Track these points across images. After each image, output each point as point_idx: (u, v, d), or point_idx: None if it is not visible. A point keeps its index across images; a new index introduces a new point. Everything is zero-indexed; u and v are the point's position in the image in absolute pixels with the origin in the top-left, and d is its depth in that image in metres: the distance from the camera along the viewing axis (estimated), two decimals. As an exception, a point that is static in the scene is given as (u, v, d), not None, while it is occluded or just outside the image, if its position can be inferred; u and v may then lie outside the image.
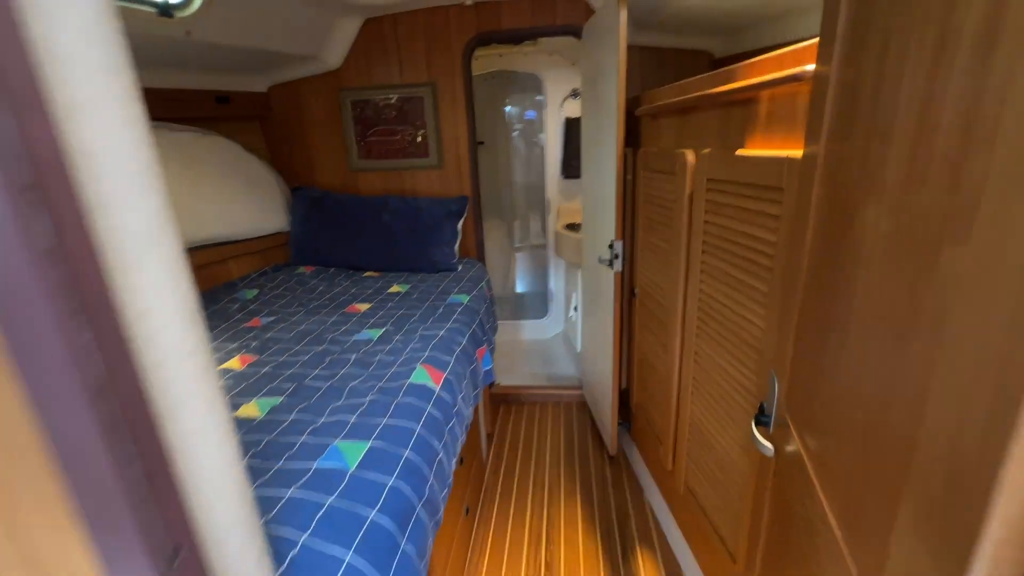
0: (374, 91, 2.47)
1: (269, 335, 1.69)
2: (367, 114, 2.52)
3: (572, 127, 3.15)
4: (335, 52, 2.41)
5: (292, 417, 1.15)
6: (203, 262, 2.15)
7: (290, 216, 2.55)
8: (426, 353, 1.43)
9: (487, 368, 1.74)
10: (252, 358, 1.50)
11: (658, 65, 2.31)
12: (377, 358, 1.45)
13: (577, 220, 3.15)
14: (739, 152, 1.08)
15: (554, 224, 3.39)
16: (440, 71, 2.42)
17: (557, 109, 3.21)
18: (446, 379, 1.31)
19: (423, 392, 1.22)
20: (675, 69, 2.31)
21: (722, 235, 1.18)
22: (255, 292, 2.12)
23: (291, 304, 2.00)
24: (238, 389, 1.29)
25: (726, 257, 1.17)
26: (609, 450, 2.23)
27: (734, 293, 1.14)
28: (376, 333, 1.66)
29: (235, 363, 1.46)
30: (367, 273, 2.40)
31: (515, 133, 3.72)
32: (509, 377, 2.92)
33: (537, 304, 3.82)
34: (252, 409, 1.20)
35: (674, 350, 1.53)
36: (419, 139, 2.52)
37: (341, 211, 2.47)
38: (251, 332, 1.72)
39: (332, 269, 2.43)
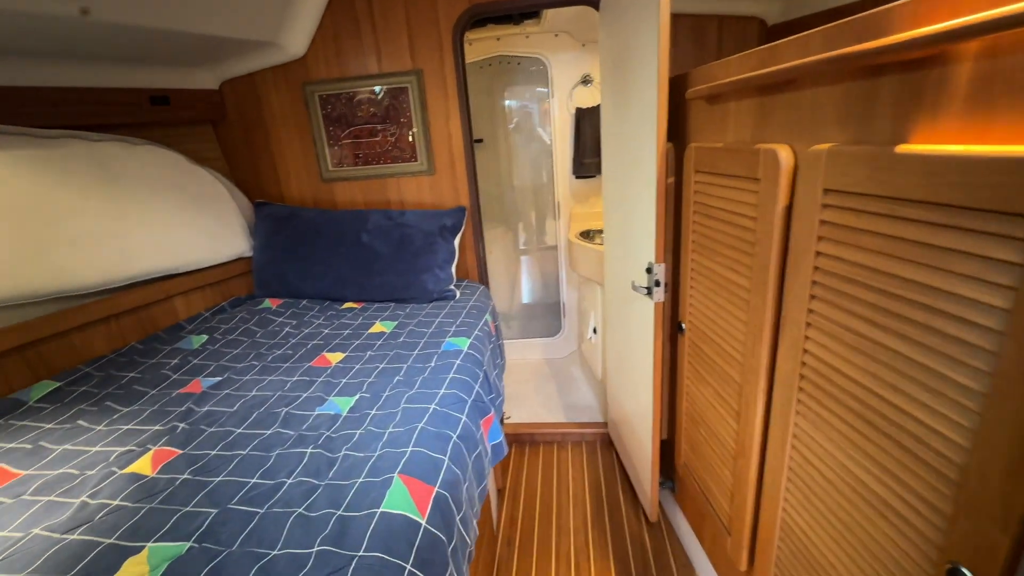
0: (347, 83, 2.04)
1: (206, 408, 1.27)
2: (342, 112, 2.09)
3: (584, 119, 2.71)
4: (296, 37, 1.97)
5: (193, 590, 0.73)
6: (138, 304, 1.73)
7: (252, 239, 2.13)
8: (409, 449, 1.00)
9: (495, 442, 1.32)
10: (172, 453, 1.08)
11: (696, 38, 1.87)
12: (340, 453, 1.03)
13: (592, 226, 2.71)
14: (903, 149, 0.65)
15: (566, 231, 2.96)
16: (426, 56, 1.98)
17: (566, 99, 2.77)
18: (436, 499, 0.89)
19: (400, 533, 0.80)
20: (718, 42, 1.86)
21: (856, 278, 0.75)
22: (203, 339, 1.71)
23: (246, 355, 1.58)
24: (127, 524, 0.87)
25: (867, 314, 0.74)
26: (648, 515, 1.81)
27: (886, 371, 0.71)
28: (346, 404, 1.24)
29: (144, 465, 1.05)
30: (346, 305, 1.99)
31: (515, 127, 3.27)
32: (520, 408, 2.50)
33: (549, 318, 3.39)
34: (139, 568, 0.78)
35: (752, 421, 1.10)
36: (409, 139, 2.09)
37: (312, 231, 2.05)
38: (184, 403, 1.31)
39: (304, 302, 2.01)
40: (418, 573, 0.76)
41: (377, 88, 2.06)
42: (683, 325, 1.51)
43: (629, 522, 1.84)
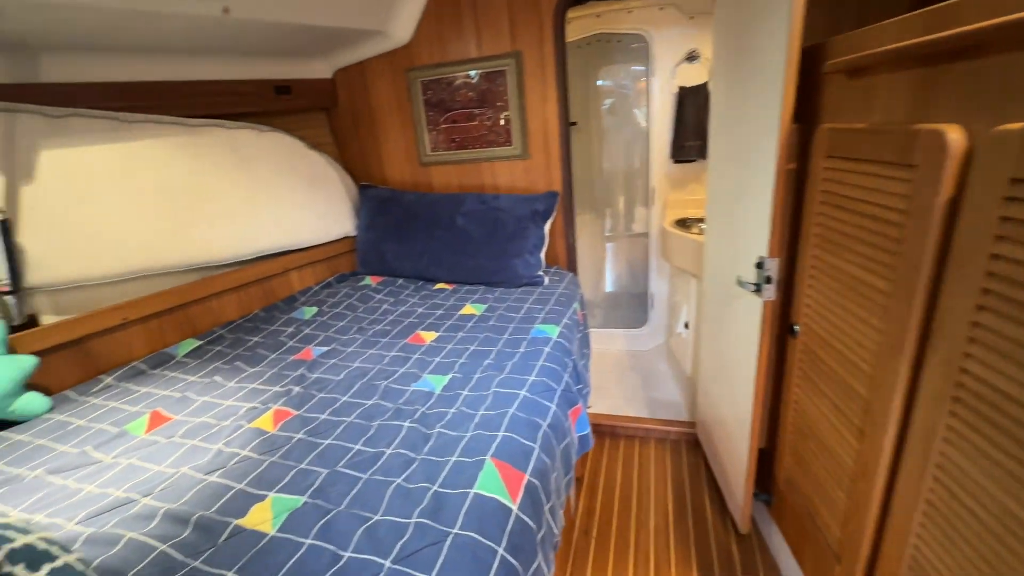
0: (448, 68, 2.08)
1: (317, 375, 1.39)
2: (441, 97, 2.14)
3: (687, 99, 2.52)
4: (403, 24, 2.04)
5: (308, 542, 0.80)
6: (262, 275, 1.93)
7: (357, 220, 2.28)
8: (500, 434, 1.01)
9: (582, 433, 1.30)
10: (289, 413, 1.20)
11: (832, 7, 1.63)
12: (435, 430, 1.07)
13: (690, 214, 2.55)
14: None
15: (659, 218, 2.81)
16: (526, 38, 1.95)
17: (668, 77, 2.60)
18: (527, 487, 0.89)
19: (492, 516, 0.82)
20: (857, 8, 1.62)
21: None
22: (314, 311, 1.86)
23: (350, 328, 1.70)
24: (255, 474, 0.98)
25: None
26: (739, 527, 1.69)
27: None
28: (439, 382, 1.29)
29: (267, 422, 1.17)
30: (439, 285, 2.06)
31: (608, 109, 3.13)
32: (601, 399, 2.46)
33: (634, 308, 3.27)
34: (263, 514, 0.87)
35: (880, 442, 0.97)
36: (504, 123, 2.09)
37: (411, 213, 2.14)
38: (298, 368, 1.44)
39: (400, 280, 2.12)
40: (509, 558, 0.77)
41: (472, 72, 2.07)
42: (796, 327, 1.37)
43: (715, 530, 1.74)
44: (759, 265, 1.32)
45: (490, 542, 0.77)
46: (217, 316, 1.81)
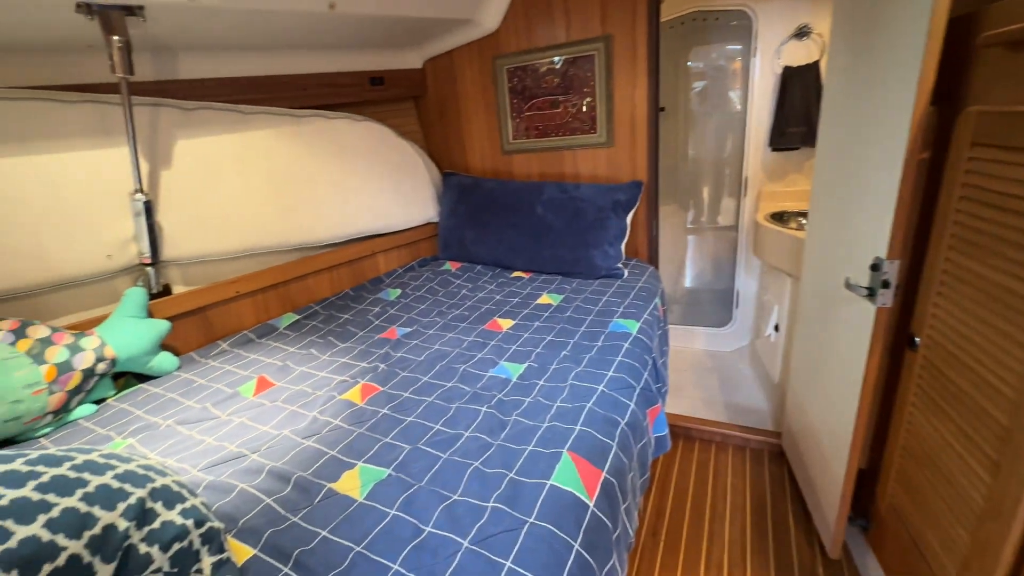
0: (534, 55, 2.06)
1: (400, 354, 1.46)
2: (525, 84, 2.13)
3: (793, 80, 2.30)
4: (492, 11, 2.05)
5: (392, 512, 0.85)
6: (352, 257, 2.06)
7: (439, 206, 2.35)
8: (577, 428, 1.00)
9: (660, 435, 1.26)
10: (375, 389, 1.28)
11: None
12: (511, 417, 1.09)
13: (787, 207, 2.34)
14: None
15: (752, 211, 2.61)
16: (618, 20, 1.88)
17: (771, 57, 2.38)
18: (604, 484, 0.88)
19: (568, 510, 0.81)
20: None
21: None
22: (398, 292, 1.96)
23: (431, 311, 1.77)
24: (345, 443, 1.06)
25: None
26: (828, 550, 1.56)
27: None
28: (516, 370, 1.30)
29: (356, 395, 1.26)
30: (516, 273, 2.07)
31: (699, 93, 2.93)
32: (677, 399, 2.36)
33: (716, 306, 3.08)
34: (353, 482, 0.94)
35: (1022, 481, 0.83)
36: (589, 109, 2.04)
37: (491, 201, 2.17)
38: (384, 347, 1.52)
39: (479, 267, 2.16)
40: (585, 554, 0.76)
41: (556, 59, 2.04)
42: (917, 339, 1.21)
43: (799, 550, 1.61)
44: (875, 267, 1.18)
45: (566, 536, 0.77)
46: (313, 293, 1.96)
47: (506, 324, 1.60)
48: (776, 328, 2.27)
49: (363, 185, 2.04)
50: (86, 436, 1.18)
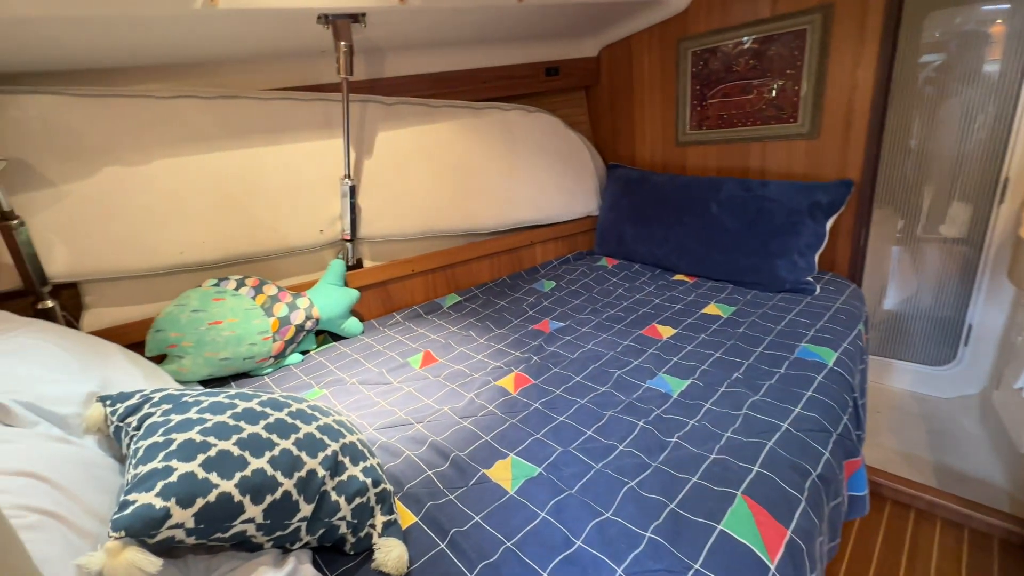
0: (727, 34, 1.83)
1: (553, 349, 1.45)
2: (713, 68, 1.91)
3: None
4: (681, -11, 1.87)
5: (542, 515, 0.84)
6: (511, 246, 2.12)
7: (601, 199, 2.28)
8: (755, 469, 0.87)
9: (858, 494, 1.03)
10: (528, 381, 1.29)
11: None
12: (672, 439, 0.99)
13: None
14: None
15: (1011, 222, 1.99)
16: (843, -16, 1.56)
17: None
18: (788, 546, 0.73)
19: (744, 568, 0.70)
20: None
21: None
22: (552, 285, 1.96)
23: (585, 307, 1.73)
24: (498, 431, 1.08)
25: None
26: None
27: None
28: (677, 385, 1.18)
29: (509, 383, 1.28)
30: (678, 276, 1.91)
31: (937, 68, 2.28)
32: (865, 446, 1.94)
33: (933, 338, 2.45)
34: (504, 472, 0.95)
35: None
36: (782, 94, 1.76)
37: (658, 196, 2.02)
38: (537, 339, 1.53)
39: (636, 266, 2.05)
40: (763, 626, 0.65)
41: (745, 38, 1.79)
42: None
43: None
44: None
45: (740, 597, 0.66)
46: (474, 277, 2.07)
47: (666, 332, 1.48)
48: (1034, 381, 1.71)
49: (529, 176, 2.07)
50: (294, 381, 1.41)
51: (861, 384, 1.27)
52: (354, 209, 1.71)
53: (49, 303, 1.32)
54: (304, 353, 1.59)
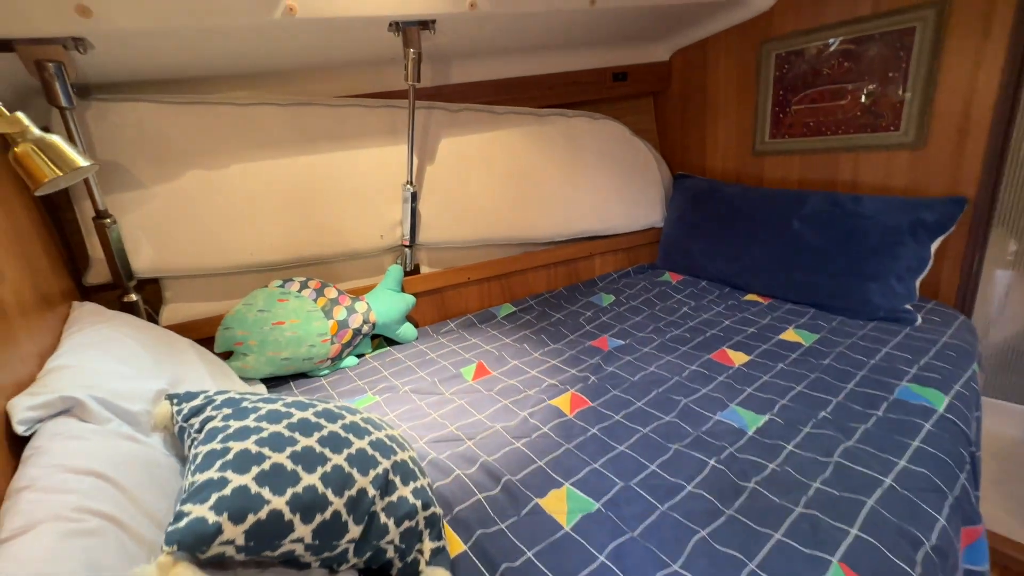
0: (819, 34, 1.68)
1: (612, 369, 1.37)
2: (800, 71, 1.76)
3: None
4: (767, -13, 1.74)
5: (601, 559, 0.76)
6: (569, 257, 2.05)
7: (666, 211, 2.16)
8: (852, 532, 0.75)
9: (978, 569, 0.87)
10: (584, 403, 1.21)
11: None
12: (749, 484, 0.88)
13: None
14: None
15: None
16: (962, -25, 1.38)
17: None
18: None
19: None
20: None
21: None
22: (611, 299, 1.87)
23: (646, 325, 1.63)
24: (552, 456, 1.01)
25: None
26: None
27: None
28: (753, 421, 1.07)
29: (565, 403, 1.21)
30: (750, 296, 1.76)
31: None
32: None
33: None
34: (559, 504, 0.89)
35: None
36: (881, 99, 1.58)
37: (731, 209, 1.88)
38: (594, 356, 1.46)
39: (703, 283, 1.91)
40: None
41: (833, 40, 1.63)
42: None
43: None
44: None
45: None
46: (530, 287, 2.02)
47: (738, 358, 1.35)
48: None
49: (592, 185, 2.00)
50: (349, 384, 1.42)
51: (977, 435, 1.09)
52: (414, 215, 1.72)
53: (133, 297, 1.41)
54: (359, 356, 1.61)
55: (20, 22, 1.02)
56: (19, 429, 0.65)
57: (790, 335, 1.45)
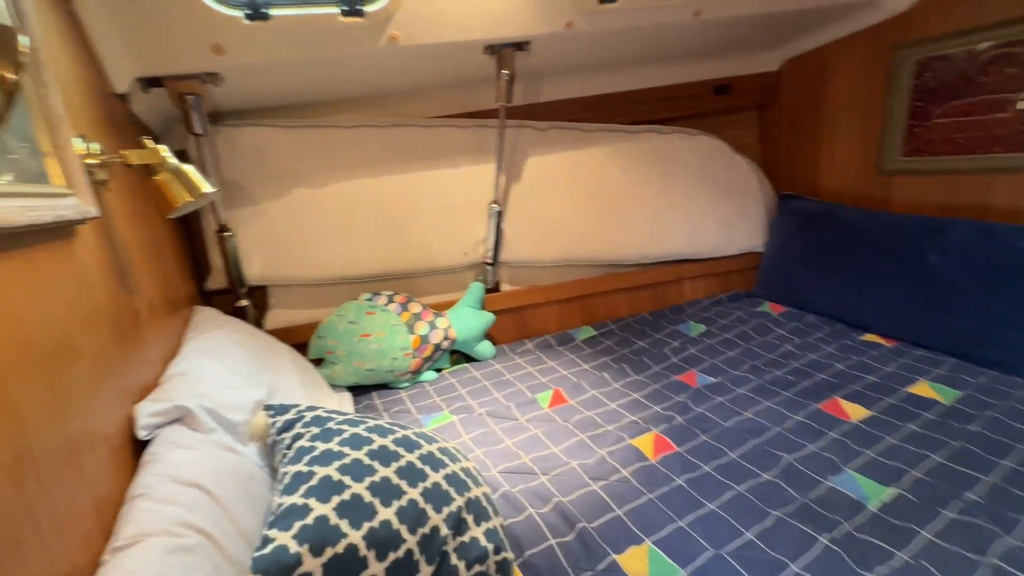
0: (971, 37, 1.43)
1: (700, 410, 1.26)
2: (947, 79, 1.51)
3: None
4: (906, -14, 1.52)
5: (688, 641, 0.68)
6: (655, 280, 1.94)
7: (768, 234, 1.97)
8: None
9: None
10: (669, 447, 1.12)
11: None
12: (870, 575, 0.75)
13: None
14: None
15: None
16: None
17: None
18: None
19: None
20: None
21: None
22: (701, 329, 1.73)
23: (742, 362, 1.48)
24: (632, 505, 0.94)
25: None
26: None
27: None
28: (875, 492, 0.91)
29: (647, 445, 1.13)
30: (868, 336, 1.54)
31: None
32: None
33: None
34: (640, 564, 0.81)
35: None
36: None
37: (849, 235, 1.67)
38: (681, 393, 1.35)
39: (811, 317, 1.71)
40: None
41: (984, 44, 1.37)
42: None
43: None
44: None
45: None
46: (611, 310, 1.94)
47: (855, 412, 1.18)
48: None
49: (684, 205, 1.88)
50: (426, 400, 1.44)
51: None
52: (499, 233, 1.72)
53: (244, 302, 1.54)
54: (438, 371, 1.63)
55: (169, 62, 1.16)
56: (141, 434, 0.72)
57: (923, 389, 1.23)
